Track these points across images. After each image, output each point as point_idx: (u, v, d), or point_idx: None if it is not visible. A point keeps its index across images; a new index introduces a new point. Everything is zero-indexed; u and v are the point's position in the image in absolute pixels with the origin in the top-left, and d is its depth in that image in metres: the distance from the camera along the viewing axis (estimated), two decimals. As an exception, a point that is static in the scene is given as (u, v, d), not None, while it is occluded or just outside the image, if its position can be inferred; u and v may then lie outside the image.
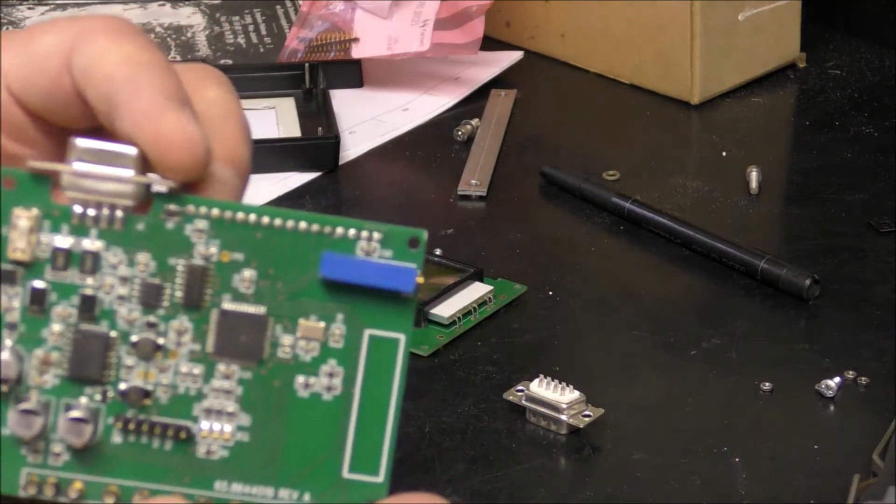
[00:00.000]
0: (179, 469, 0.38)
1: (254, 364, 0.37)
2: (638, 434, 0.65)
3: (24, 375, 0.38)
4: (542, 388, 0.65)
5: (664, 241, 0.79)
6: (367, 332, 0.38)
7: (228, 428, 0.38)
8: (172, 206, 0.38)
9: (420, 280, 0.38)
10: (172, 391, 0.38)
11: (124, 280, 0.38)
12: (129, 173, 0.37)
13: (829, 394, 0.67)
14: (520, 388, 0.66)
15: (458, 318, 0.72)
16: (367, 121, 0.93)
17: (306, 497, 0.38)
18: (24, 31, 0.41)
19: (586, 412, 0.64)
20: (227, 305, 0.38)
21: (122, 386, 0.38)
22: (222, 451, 0.38)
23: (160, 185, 0.37)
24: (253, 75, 0.94)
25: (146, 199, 0.38)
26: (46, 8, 1.03)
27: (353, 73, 0.97)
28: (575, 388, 0.65)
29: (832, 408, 0.66)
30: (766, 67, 0.98)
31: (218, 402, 0.38)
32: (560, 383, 0.65)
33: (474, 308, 0.72)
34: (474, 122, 0.92)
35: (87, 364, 0.37)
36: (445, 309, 0.72)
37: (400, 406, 0.38)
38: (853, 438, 0.64)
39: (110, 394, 0.38)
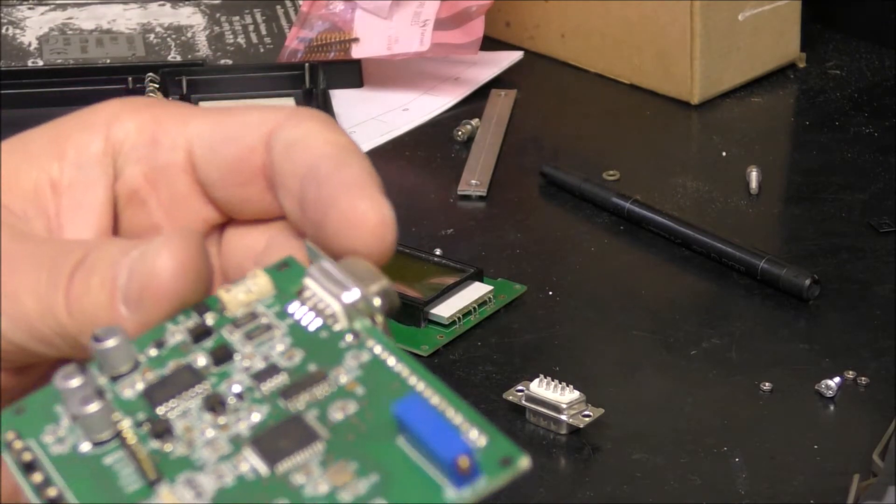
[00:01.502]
0: None
1: (265, 469, 0.33)
2: (638, 434, 0.65)
3: (121, 378, 0.35)
4: (542, 388, 0.65)
5: (664, 241, 0.79)
6: (378, 501, 0.32)
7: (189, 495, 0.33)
8: (361, 331, 0.35)
9: (463, 465, 0.31)
10: (188, 450, 0.34)
11: (265, 358, 0.35)
12: (359, 289, 0.35)
13: (829, 394, 0.67)
14: (520, 388, 0.66)
15: (458, 318, 0.72)
16: (367, 121, 0.93)
17: None
18: (223, 107, 0.39)
19: (586, 412, 0.64)
20: (304, 414, 0.34)
21: (166, 419, 0.35)
22: None
23: (376, 300, 0.35)
24: (253, 75, 0.94)
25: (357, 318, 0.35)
26: (46, 8, 1.03)
27: (353, 73, 0.97)
28: (575, 388, 0.65)
29: (832, 408, 0.66)
30: (766, 67, 0.98)
31: (212, 472, 0.33)
32: (560, 383, 0.65)
33: (474, 308, 0.73)
34: (474, 122, 0.92)
35: (163, 389, 0.34)
36: (445, 309, 0.72)
37: None
38: (853, 438, 0.64)
39: (145, 428, 0.34)
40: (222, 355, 0.35)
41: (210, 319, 0.35)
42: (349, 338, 0.35)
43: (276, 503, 0.32)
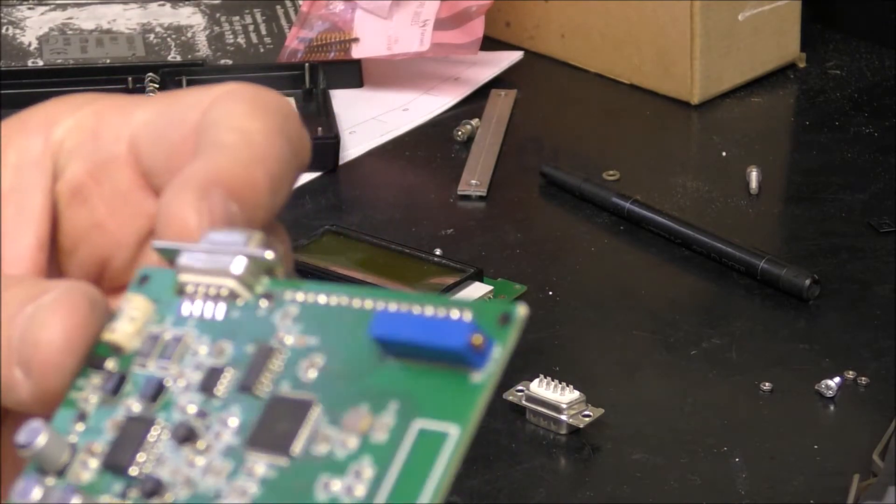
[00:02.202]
0: None
1: (283, 459, 0.31)
2: (638, 434, 0.65)
3: (67, 468, 0.33)
4: (542, 388, 0.65)
5: (664, 241, 0.79)
6: (417, 424, 0.30)
7: None
8: (271, 290, 0.33)
9: (477, 342, 0.30)
10: (191, 489, 0.32)
11: (197, 368, 0.33)
12: (242, 250, 0.33)
13: (829, 394, 0.67)
14: (520, 388, 0.66)
15: (458, 318, 0.72)
16: (367, 121, 0.93)
17: None
18: (169, 93, 0.38)
19: (586, 412, 0.64)
20: (282, 390, 0.31)
21: (147, 477, 0.32)
22: None
23: (267, 255, 0.33)
24: (253, 75, 0.94)
25: (253, 286, 0.33)
26: (46, 8, 1.03)
27: (353, 73, 0.97)
28: (575, 388, 0.65)
29: (832, 408, 0.66)
30: (766, 67, 0.98)
31: (233, 492, 0.31)
32: (560, 383, 0.65)
33: (474, 308, 0.72)
34: (474, 122, 0.92)
35: (121, 452, 0.32)
36: (445, 309, 0.72)
37: None
38: (853, 438, 0.64)
39: (133, 494, 0.32)
40: (153, 389, 0.33)
41: (112, 365, 0.33)
42: (263, 303, 0.33)
43: (321, 482, 0.30)
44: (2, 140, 0.38)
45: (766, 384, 0.67)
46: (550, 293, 0.75)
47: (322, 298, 0.32)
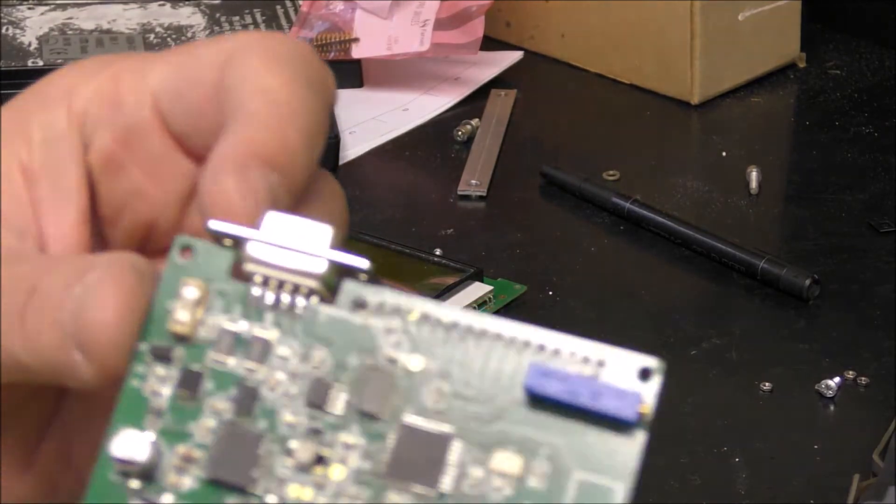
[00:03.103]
0: None
1: (432, 494, 0.30)
2: (638, 434, 0.64)
3: (159, 472, 0.31)
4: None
5: (664, 241, 0.79)
6: (576, 475, 0.30)
7: None
8: (363, 298, 0.32)
9: (645, 411, 0.31)
10: None
11: (293, 377, 0.31)
12: (321, 250, 0.31)
13: (829, 394, 0.67)
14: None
15: (458, 318, 0.72)
16: (367, 121, 0.93)
17: None
18: (182, 47, 0.37)
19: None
20: (410, 420, 0.31)
21: (271, 499, 0.31)
22: None
23: (360, 264, 0.31)
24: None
25: (335, 286, 0.32)
26: (46, 8, 1.03)
27: (353, 73, 0.97)
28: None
29: (832, 408, 0.66)
30: (766, 67, 0.98)
31: None
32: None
33: (474, 308, 0.72)
34: (474, 122, 0.92)
35: (234, 467, 0.31)
36: (445, 309, 0.72)
37: None
38: (853, 438, 0.64)
39: None
40: (246, 395, 0.31)
41: (180, 355, 0.32)
42: (355, 310, 0.31)
43: None
44: (23, 117, 0.36)
45: (766, 384, 0.67)
46: (550, 293, 0.75)
47: (433, 313, 0.31)
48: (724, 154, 0.89)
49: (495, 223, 0.82)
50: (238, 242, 0.32)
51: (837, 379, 0.67)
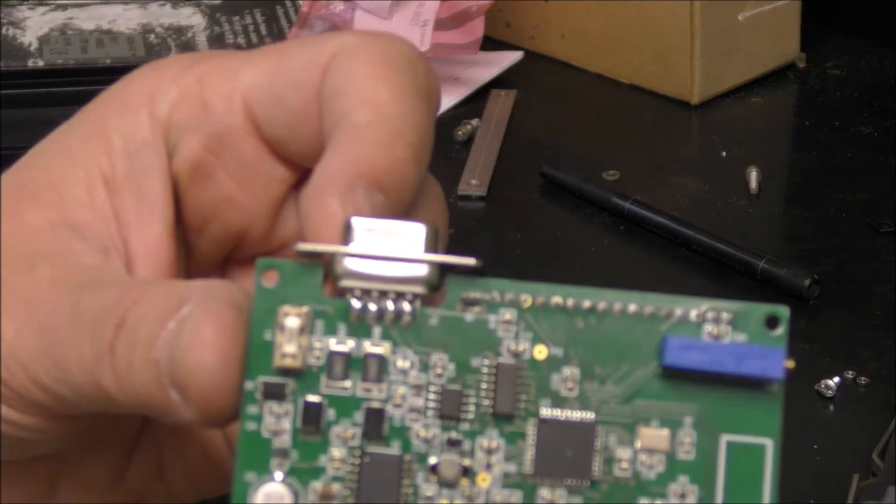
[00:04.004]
0: None
1: (585, 485, 0.30)
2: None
3: None
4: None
5: (664, 241, 0.79)
6: (725, 438, 0.31)
7: None
8: (473, 294, 0.31)
9: (790, 365, 0.31)
10: None
11: (417, 388, 0.30)
12: (420, 252, 0.30)
13: (829, 394, 0.67)
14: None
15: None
16: (368, 121, 0.93)
17: None
18: (274, 49, 0.34)
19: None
20: (547, 413, 0.30)
21: None
22: None
23: (468, 262, 0.31)
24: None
25: (439, 287, 0.31)
26: (47, 8, 1.03)
27: (354, 74, 0.97)
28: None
29: (832, 408, 0.66)
30: (766, 67, 0.98)
31: None
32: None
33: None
34: (474, 122, 0.92)
35: (379, 496, 0.30)
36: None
37: None
38: (853, 438, 0.64)
39: None
40: (373, 418, 0.30)
41: (291, 389, 0.30)
42: (467, 308, 0.31)
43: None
44: (102, 124, 0.34)
45: (766, 384, 0.67)
46: (550, 293, 0.75)
47: (540, 299, 0.31)
48: (723, 154, 0.89)
49: (495, 223, 0.82)
50: (329, 258, 0.30)
51: (837, 379, 0.67)
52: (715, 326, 0.31)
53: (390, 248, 0.30)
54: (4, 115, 0.87)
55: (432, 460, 0.30)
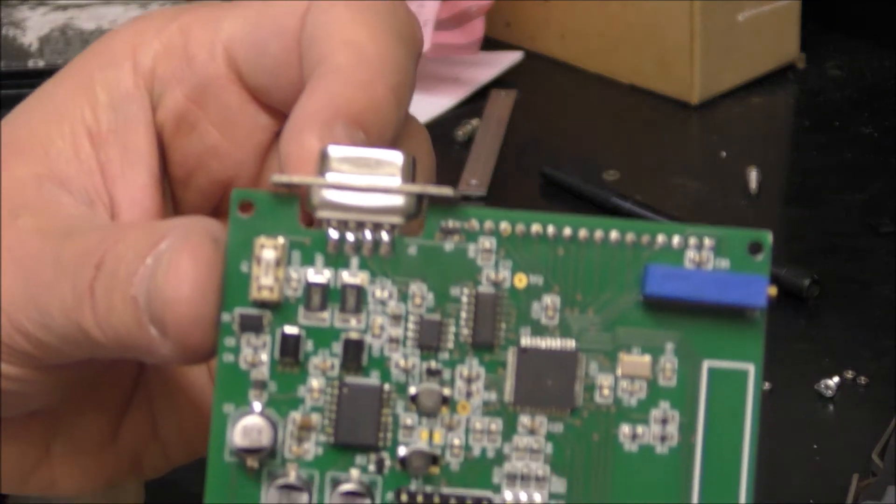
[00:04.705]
0: None
1: (566, 413, 0.30)
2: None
3: (279, 446, 0.30)
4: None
5: (664, 241, 0.79)
6: (706, 364, 0.30)
7: (539, 497, 0.30)
8: (451, 223, 0.30)
9: (773, 292, 0.30)
10: (465, 454, 0.30)
11: (396, 319, 0.30)
12: (396, 182, 0.30)
13: (829, 393, 0.67)
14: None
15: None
16: (368, 121, 0.93)
17: None
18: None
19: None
20: (527, 341, 0.30)
21: (402, 451, 0.30)
22: None
23: (446, 191, 0.30)
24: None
25: (417, 216, 0.30)
26: (47, 8, 1.03)
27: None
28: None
29: (831, 407, 0.66)
30: (766, 68, 0.98)
31: (523, 465, 0.30)
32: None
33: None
34: (474, 122, 0.92)
35: (358, 427, 0.30)
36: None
37: (755, 457, 0.30)
38: (852, 438, 0.64)
39: (387, 462, 0.30)
40: (352, 350, 0.30)
41: (268, 321, 0.30)
42: (447, 237, 0.30)
43: (621, 432, 0.30)
44: (86, 77, 0.35)
45: (766, 384, 0.67)
46: (550, 293, 0.75)
47: (520, 228, 0.30)
48: (723, 154, 0.89)
49: (495, 223, 0.82)
50: (305, 189, 0.30)
51: (837, 379, 0.67)
52: (697, 253, 0.30)
53: (367, 178, 0.30)
54: (5, 116, 0.87)
55: (412, 390, 0.30)
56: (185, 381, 0.35)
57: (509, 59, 1.00)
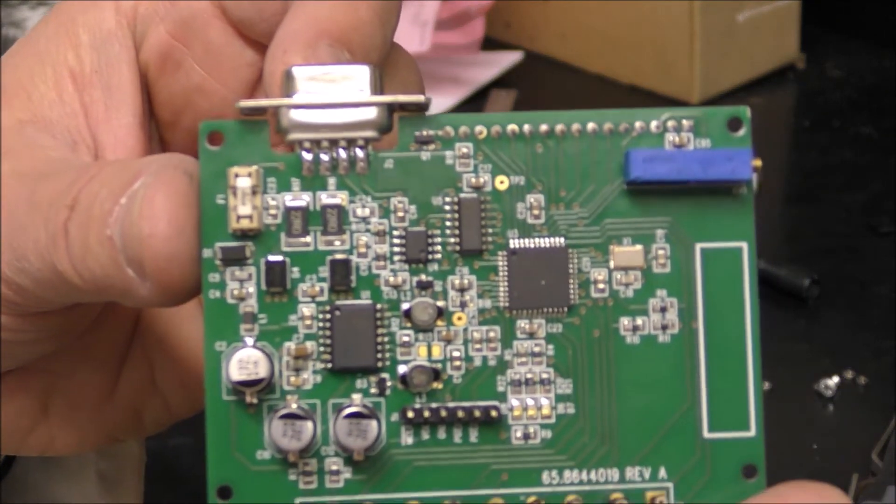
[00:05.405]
0: (492, 466, 0.29)
1: (563, 312, 0.29)
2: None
3: (276, 379, 0.29)
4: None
5: (664, 241, 0.79)
6: (699, 247, 0.30)
7: (546, 400, 0.29)
8: (426, 132, 0.29)
9: (758, 164, 0.30)
10: (466, 366, 0.29)
11: (380, 235, 0.29)
12: (366, 95, 0.29)
13: (828, 393, 0.67)
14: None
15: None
16: (368, 121, 0.93)
17: (662, 473, 0.30)
18: None
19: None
20: (516, 243, 0.29)
21: (403, 369, 0.29)
22: (544, 432, 0.29)
23: (417, 98, 0.29)
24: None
25: (390, 129, 0.29)
26: (47, 8, 1.03)
27: (354, 74, 0.97)
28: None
29: (831, 407, 0.66)
30: (766, 68, 0.98)
31: (527, 370, 0.29)
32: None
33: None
34: (474, 122, 0.92)
35: (355, 350, 0.29)
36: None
37: (758, 332, 0.30)
38: (852, 438, 0.64)
39: (389, 382, 0.29)
40: (340, 272, 0.29)
41: (251, 251, 0.29)
42: (422, 147, 0.30)
43: (621, 325, 0.29)
44: (69, 19, 0.34)
45: (766, 384, 0.67)
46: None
47: (496, 129, 0.30)
48: (723, 154, 0.89)
49: (495, 223, 0.82)
50: (274, 113, 0.29)
51: (836, 378, 0.67)
52: (677, 135, 0.30)
53: (335, 94, 0.29)
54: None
55: (405, 306, 0.29)
56: (181, 331, 0.35)
57: (509, 59, 1.00)
